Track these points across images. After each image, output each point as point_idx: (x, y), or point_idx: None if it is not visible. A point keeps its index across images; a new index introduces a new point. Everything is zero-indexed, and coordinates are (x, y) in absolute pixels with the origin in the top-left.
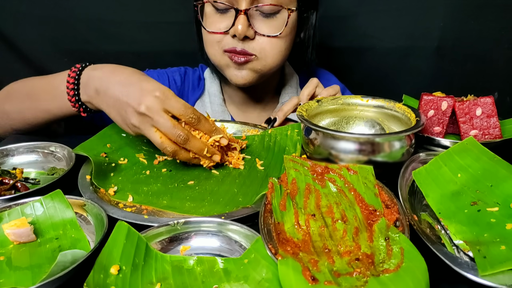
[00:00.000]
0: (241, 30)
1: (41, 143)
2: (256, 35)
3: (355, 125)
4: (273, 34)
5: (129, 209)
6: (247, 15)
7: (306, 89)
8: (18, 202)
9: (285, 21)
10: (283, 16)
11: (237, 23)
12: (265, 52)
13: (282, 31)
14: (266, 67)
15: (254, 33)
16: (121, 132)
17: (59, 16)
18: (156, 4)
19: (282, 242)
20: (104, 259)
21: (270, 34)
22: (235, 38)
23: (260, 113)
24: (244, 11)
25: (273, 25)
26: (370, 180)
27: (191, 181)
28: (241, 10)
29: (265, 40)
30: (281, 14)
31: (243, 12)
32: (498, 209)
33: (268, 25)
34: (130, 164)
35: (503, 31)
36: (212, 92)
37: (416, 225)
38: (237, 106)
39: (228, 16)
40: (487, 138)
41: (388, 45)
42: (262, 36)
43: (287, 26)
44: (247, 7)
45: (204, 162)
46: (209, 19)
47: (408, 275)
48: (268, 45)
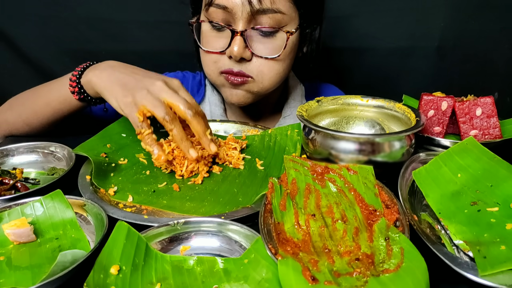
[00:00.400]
0: (237, 52)
1: (41, 143)
2: (253, 57)
3: (355, 125)
4: (271, 56)
5: (129, 209)
6: (244, 36)
7: None
8: (18, 202)
9: (284, 42)
10: (282, 37)
11: (233, 44)
12: (262, 74)
13: (280, 53)
14: (263, 89)
15: (251, 54)
16: (121, 132)
17: (60, 16)
18: (157, 3)
19: (282, 242)
20: (104, 259)
21: (267, 56)
22: (232, 59)
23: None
24: (240, 32)
25: (271, 47)
26: (370, 180)
27: (190, 181)
28: (237, 31)
29: (263, 62)
30: (280, 34)
31: (239, 34)
32: (498, 209)
33: (266, 46)
34: (130, 164)
35: (503, 31)
36: (212, 101)
37: (416, 225)
38: (238, 118)
39: (225, 35)
40: (487, 138)
41: (388, 45)
42: (259, 57)
43: (285, 49)
44: (243, 28)
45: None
46: (205, 37)
47: (408, 275)
48: (266, 67)
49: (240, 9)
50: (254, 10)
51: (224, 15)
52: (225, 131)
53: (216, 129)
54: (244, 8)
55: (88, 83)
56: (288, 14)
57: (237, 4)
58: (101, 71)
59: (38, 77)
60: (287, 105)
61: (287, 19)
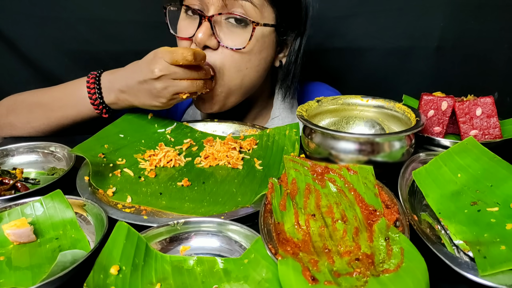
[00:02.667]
0: (200, 38)
1: (41, 143)
2: (220, 47)
3: (355, 125)
4: (237, 47)
5: (128, 210)
6: (211, 22)
7: None
8: (18, 202)
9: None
10: (250, 29)
11: (199, 30)
12: (224, 67)
13: (246, 45)
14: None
15: (217, 43)
16: (119, 133)
17: (60, 16)
18: (156, 4)
19: (282, 242)
20: (104, 259)
21: (233, 47)
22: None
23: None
24: (207, 17)
25: (238, 38)
26: (370, 180)
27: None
28: (205, 16)
29: (227, 54)
30: (250, 27)
31: (206, 19)
32: (498, 209)
33: (233, 37)
34: (128, 165)
35: (503, 31)
36: None
37: (416, 225)
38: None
39: (196, 21)
40: (487, 138)
41: (388, 45)
42: (225, 48)
43: (251, 40)
44: (214, 13)
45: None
46: (179, 23)
47: (408, 275)
48: (229, 60)
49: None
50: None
51: (199, 2)
52: (223, 131)
53: (214, 129)
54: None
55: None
56: (261, 10)
57: None
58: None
59: (38, 78)
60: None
61: (259, 16)
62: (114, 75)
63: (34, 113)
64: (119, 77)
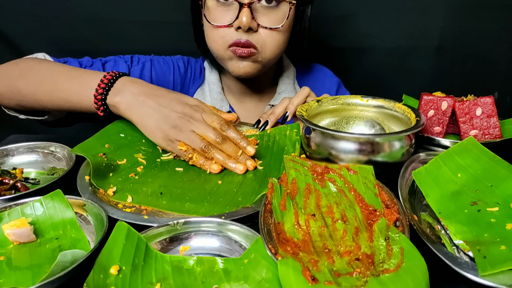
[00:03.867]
0: (246, 21)
1: (41, 143)
2: (259, 28)
3: (355, 125)
4: (275, 26)
5: (128, 210)
6: (251, 8)
7: (296, 98)
8: (18, 202)
9: (286, 13)
10: (283, 8)
11: (242, 15)
12: (266, 45)
13: (283, 24)
14: (265, 59)
15: (257, 25)
16: (119, 133)
17: (59, 16)
18: (156, 3)
19: (282, 242)
20: (104, 259)
21: (272, 26)
22: (239, 31)
23: (258, 102)
24: (247, 4)
25: (274, 18)
26: (370, 180)
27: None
28: (244, 3)
29: (267, 33)
30: (282, 6)
31: (247, 5)
32: (498, 209)
33: (270, 18)
34: (129, 164)
35: (503, 31)
36: (211, 81)
37: (416, 225)
38: (235, 96)
39: (231, 9)
40: (487, 138)
41: (388, 45)
42: (264, 28)
43: (288, 19)
44: (250, 0)
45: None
46: (212, 13)
47: (408, 275)
48: (269, 38)
49: None
50: None
51: None
52: None
53: None
54: None
55: (114, 107)
56: None
57: None
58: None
59: None
60: (281, 81)
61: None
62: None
63: (42, 85)
64: (140, 89)
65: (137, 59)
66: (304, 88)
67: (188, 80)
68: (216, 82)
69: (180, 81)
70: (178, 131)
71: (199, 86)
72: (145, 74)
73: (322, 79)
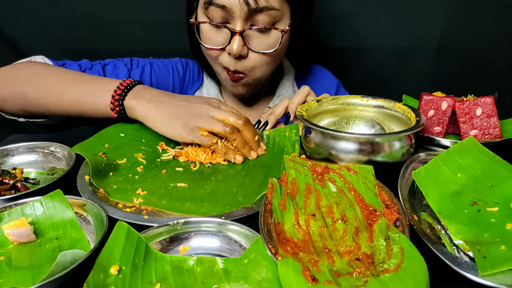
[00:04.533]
0: (236, 50)
1: (41, 143)
2: (250, 52)
3: (355, 125)
4: (267, 51)
5: (128, 210)
6: (242, 35)
7: (296, 97)
8: (18, 202)
9: (278, 39)
10: (276, 34)
11: (233, 43)
12: (255, 68)
13: (276, 49)
14: (256, 80)
15: (248, 50)
16: (119, 132)
17: (60, 16)
18: (156, 3)
19: (282, 242)
20: (104, 259)
21: (264, 51)
22: (230, 56)
23: (257, 106)
24: (239, 32)
25: (267, 43)
26: (370, 180)
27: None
28: (236, 31)
29: (257, 57)
30: (274, 32)
31: (238, 34)
32: (498, 209)
33: (263, 42)
34: (129, 164)
35: (503, 31)
36: (209, 84)
37: (416, 225)
38: (234, 99)
39: (224, 31)
40: (487, 138)
41: (388, 45)
42: (255, 53)
43: (280, 44)
44: (242, 28)
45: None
46: (205, 34)
47: (408, 275)
48: (259, 62)
49: (238, 9)
50: (251, 9)
51: (223, 13)
52: None
53: None
54: (242, 7)
55: (130, 109)
56: (281, 10)
57: (235, 4)
58: (147, 102)
59: None
60: (281, 84)
61: (280, 15)
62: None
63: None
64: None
65: (136, 62)
66: (304, 87)
67: (186, 82)
68: (214, 85)
69: (179, 84)
70: (197, 117)
71: (197, 89)
72: (145, 77)
73: (322, 80)
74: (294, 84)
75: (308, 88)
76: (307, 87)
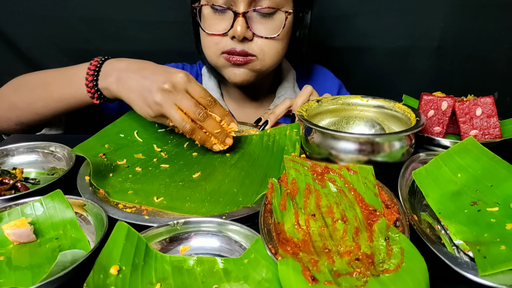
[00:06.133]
0: (240, 31)
1: (41, 143)
2: (254, 37)
3: (355, 125)
4: (271, 35)
5: (129, 210)
6: (246, 17)
7: (299, 98)
8: (18, 202)
9: (282, 22)
10: (280, 17)
11: (236, 25)
12: (264, 53)
13: (279, 33)
14: (264, 67)
15: (252, 34)
16: (119, 133)
17: (59, 16)
18: (156, 3)
19: (282, 242)
20: (104, 259)
21: (268, 36)
22: (234, 40)
23: (257, 108)
24: (242, 13)
25: (270, 27)
26: (370, 180)
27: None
28: (239, 12)
29: (263, 42)
30: (278, 15)
31: (241, 15)
32: (498, 209)
33: (266, 27)
34: (129, 165)
35: (503, 31)
36: (209, 88)
37: (416, 225)
38: (235, 101)
39: (226, 17)
40: (487, 138)
41: (388, 45)
42: (260, 37)
43: (284, 28)
44: (245, 10)
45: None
46: (207, 21)
47: (408, 275)
48: (267, 46)
49: None
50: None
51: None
52: None
53: None
54: None
55: (107, 90)
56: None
57: None
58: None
59: None
60: (281, 86)
61: (283, 1)
62: (120, 62)
63: (35, 92)
64: (125, 65)
65: None
66: (306, 86)
67: None
68: (215, 88)
69: None
70: (159, 106)
71: None
72: None
73: (323, 80)
74: (295, 85)
75: (311, 88)
76: (309, 87)
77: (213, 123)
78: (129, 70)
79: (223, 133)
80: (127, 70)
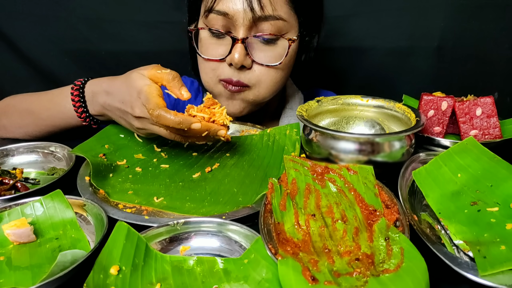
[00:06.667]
0: (238, 59)
1: (41, 143)
2: (254, 64)
3: (355, 125)
4: (272, 63)
5: (129, 210)
6: (245, 43)
7: None
8: (18, 202)
9: (285, 50)
10: (283, 44)
11: (234, 51)
12: (260, 83)
13: (281, 61)
14: (259, 98)
15: (252, 62)
16: (119, 133)
17: (60, 16)
18: (156, 3)
19: (282, 242)
20: (104, 260)
21: (268, 64)
22: (232, 67)
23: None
24: (241, 39)
25: (271, 54)
26: (370, 180)
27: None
28: (238, 38)
29: (262, 70)
30: (281, 41)
31: (240, 41)
32: (498, 209)
33: (267, 54)
34: (129, 165)
35: (503, 31)
36: None
37: (416, 225)
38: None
39: (225, 42)
40: (487, 138)
41: (388, 45)
42: (259, 65)
43: (287, 56)
44: (244, 35)
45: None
46: (204, 45)
47: (408, 275)
48: (265, 75)
49: (241, 16)
50: (255, 17)
51: (225, 22)
52: None
53: None
54: (245, 15)
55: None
56: (289, 21)
57: (239, 11)
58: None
59: (38, 77)
60: (284, 113)
61: (287, 27)
62: (98, 87)
63: (25, 119)
64: (103, 92)
65: None
66: None
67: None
68: None
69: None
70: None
71: None
72: None
73: None
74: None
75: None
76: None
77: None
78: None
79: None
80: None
